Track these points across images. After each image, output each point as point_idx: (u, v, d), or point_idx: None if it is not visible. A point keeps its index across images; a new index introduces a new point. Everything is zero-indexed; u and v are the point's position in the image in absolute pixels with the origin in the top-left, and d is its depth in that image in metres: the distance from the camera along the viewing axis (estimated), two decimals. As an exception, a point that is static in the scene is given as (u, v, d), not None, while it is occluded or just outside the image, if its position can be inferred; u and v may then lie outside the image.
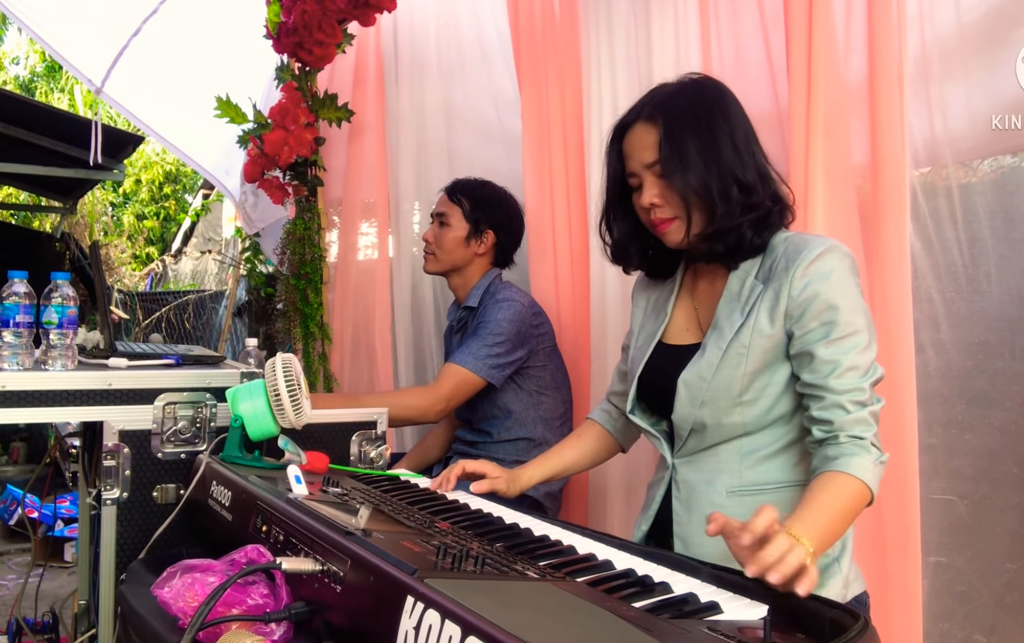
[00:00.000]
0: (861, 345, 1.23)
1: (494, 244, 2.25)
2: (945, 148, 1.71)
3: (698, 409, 1.32)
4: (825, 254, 1.25)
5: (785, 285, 1.26)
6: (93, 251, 2.75)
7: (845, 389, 1.21)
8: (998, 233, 1.68)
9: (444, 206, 2.26)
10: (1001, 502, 1.68)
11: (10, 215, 8.66)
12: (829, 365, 1.22)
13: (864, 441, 1.20)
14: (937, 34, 1.70)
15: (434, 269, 2.29)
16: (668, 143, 1.29)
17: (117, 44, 3.29)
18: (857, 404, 1.21)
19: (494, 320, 2.10)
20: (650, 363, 1.44)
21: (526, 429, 2.14)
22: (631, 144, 1.36)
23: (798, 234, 1.32)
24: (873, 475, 1.19)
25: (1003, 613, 1.68)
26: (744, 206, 1.29)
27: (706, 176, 1.28)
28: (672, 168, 1.29)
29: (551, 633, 0.74)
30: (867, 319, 1.26)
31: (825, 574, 1.27)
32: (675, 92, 1.34)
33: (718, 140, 1.29)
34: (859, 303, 1.26)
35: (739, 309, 1.31)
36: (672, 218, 1.33)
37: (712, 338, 1.33)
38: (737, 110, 1.34)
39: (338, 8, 2.54)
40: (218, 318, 7.77)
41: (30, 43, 11.49)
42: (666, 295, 1.48)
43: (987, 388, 1.70)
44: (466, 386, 2.08)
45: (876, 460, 1.20)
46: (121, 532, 1.53)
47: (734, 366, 1.29)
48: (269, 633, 0.97)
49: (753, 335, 1.28)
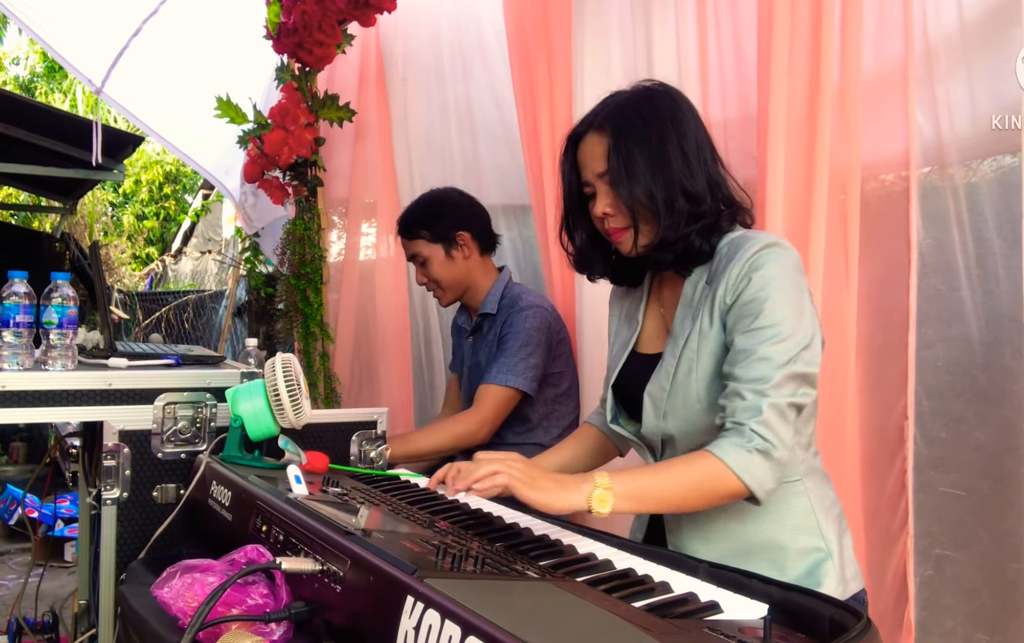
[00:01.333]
0: (779, 336, 1.19)
1: (472, 239, 2.21)
2: (945, 148, 1.72)
3: (662, 421, 1.32)
4: (764, 249, 1.23)
5: (723, 282, 1.25)
6: (93, 251, 2.76)
7: (749, 378, 1.19)
8: (998, 233, 1.68)
9: (409, 248, 2.23)
10: (1002, 500, 1.68)
11: (10, 215, 8.67)
12: (741, 353, 1.21)
13: (743, 428, 1.17)
14: (937, 34, 1.70)
15: (448, 300, 2.26)
16: (616, 154, 1.29)
17: (117, 44, 3.29)
18: (756, 393, 1.17)
19: (523, 330, 2.09)
20: (623, 372, 1.44)
21: (538, 437, 2.14)
22: (583, 154, 1.36)
23: (744, 233, 1.31)
24: (740, 460, 1.16)
25: (1004, 614, 1.68)
26: (691, 215, 1.28)
27: (652, 187, 1.27)
28: (619, 179, 1.29)
29: (551, 633, 0.74)
30: (797, 313, 1.22)
31: (819, 570, 1.26)
32: (626, 101, 1.33)
33: (666, 150, 1.28)
34: (791, 298, 1.22)
35: (691, 315, 1.31)
36: (624, 228, 1.33)
37: (669, 347, 1.33)
38: (689, 118, 1.32)
39: (338, 8, 2.54)
40: (218, 318, 7.77)
41: (30, 43, 11.50)
42: (636, 303, 1.47)
43: (989, 387, 1.70)
44: (508, 402, 2.08)
45: (749, 446, 1.16)
46: (121, 532, 1.53)
47: (687, 373, 1.28)
48: (269, 633, 0.97)
49: (700, 339, 1.28)
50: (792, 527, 1.28)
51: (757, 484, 1.17)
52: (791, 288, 1.23)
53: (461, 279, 2.22)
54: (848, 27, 1.71)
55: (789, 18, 1.74)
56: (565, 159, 1.41)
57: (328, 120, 2.71)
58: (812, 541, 1.28)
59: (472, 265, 2.22)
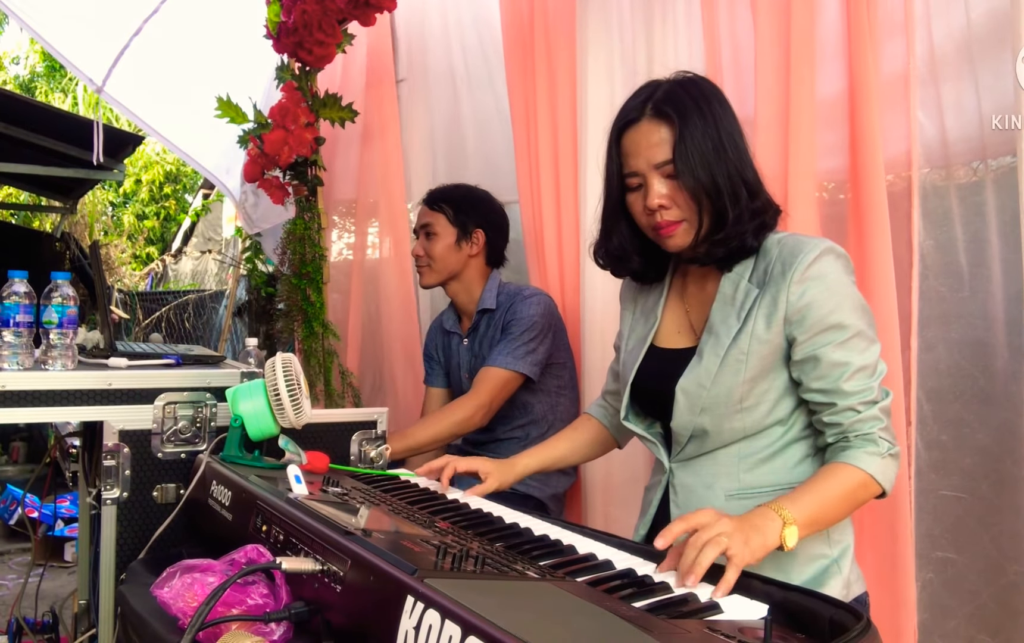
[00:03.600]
0: (865, 345, 1.23)
1: (485, 243, 2.23)
2: (945, 149, 1.71)
3: (698, 416, 1.30)
4: (821, 257, 1.23)
5: (783, 291, 1.24)
6: (93, 251, 2.76)
7: (855, 391, 1.21)
8: (999, 233, 1.68)
9: (427, 217, 2.23)
10: (1003, 503, 1.68)
11: (10, 215, 8.67)
12: (839, 369, 1.22)
13: (871, 435, 1.21)
14: (937, 35, 1.70)
15: (431, 281, 2.25)
16: (683, 141, 1.24)
17: (118, 44, 3.29)
18: (867, 403, 1.22)
19: (526, 316, 2.09)
20: (643, 367, 1.41)
21: (539, 429, 2.13)
22: (635, 142, 1.28)
23: (792, 236, 1.30)
24: (879, 466, 1.20)
25: (1005, 615, 1.68)
26: (751, 210, 1.26)
27: (718, 177, 1.24)
28: (685, 168, 1.24)
29: (551, 633, 0.74)
30: (867, 317, 1.25)
31: (825, 575, 1.27)
32: (678, 88, 1.29)
33: (724, 139, 1.26)
34: (858, 302, 1.25)
35: (735, 314, 1.28)
36: (680, 221, 1.27)
37: (708, 343, 1.30)
38: (731, 109, 1.31)
39: (338, 8, 2.54)
40: (218, 318, 7.77)
41: (30, 43, 11.50)
42: (655, 299, 1.45)
43: (989, 389, 1.70)
44: (507, 386, 2.07)
45: (883, 452, 1.21)
46: (121, 532, 1.53)
47: (733, 373, 1.27)
48: (269, 633, 0.97)
49: (752, 341, 1.26)
50: None
51: (891, 485, 1.23)
52: (854, 291, 1.26)
53: (455, 271, 2.22)
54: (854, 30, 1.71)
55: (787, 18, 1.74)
56: (612, 148, 1.33)
57: (330, 120, 2.71)
58: (819, 548, 1.28)
59: (472, 264, 2.23)
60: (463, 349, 2.29)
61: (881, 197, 1.66)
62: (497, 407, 2.09)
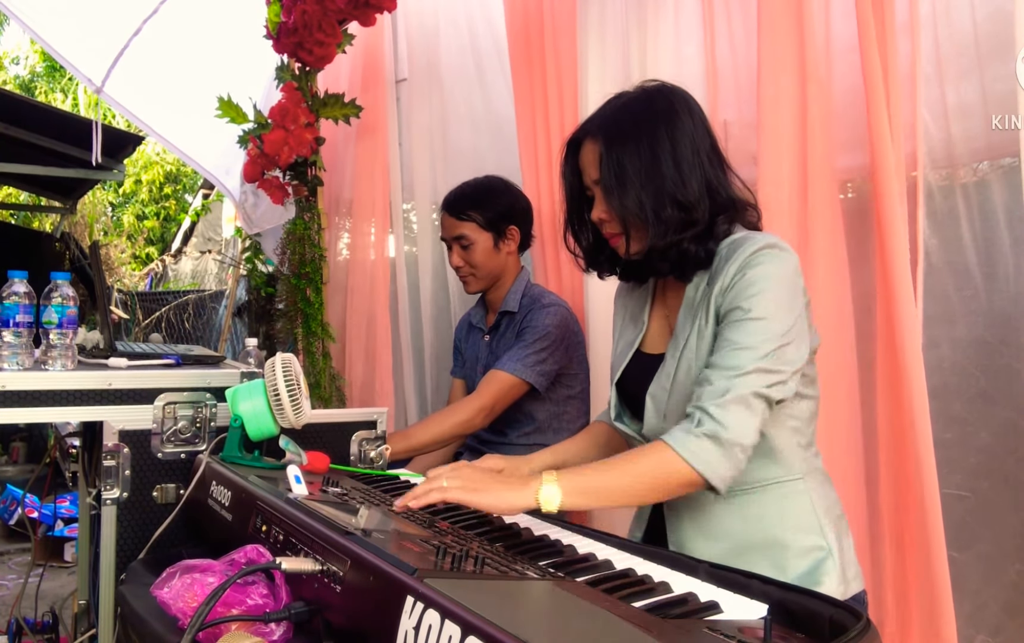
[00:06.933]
0: (761, 330, 1.18)
1: (519, 234, 2.21)
2: (945, 149, 1.71)
3: (664, 421, 1.31)
4: (760, 251, 1.22)
5: (719, 281, 1.25)
6: (93, 251, 2.75)
7: (722, 365, 1.18)
8: (1005, 232, 1.68)
9: (456, 228, 2.18)
10: (1005, 502, 1.68)
11: (10, 215, 8.67)
12: (722, 343, 1.21)
13: (703, 409, 1.16)
14: (938, 35, 1.70)
15: (478, 288, 2.23)
16: (607, 163, 1.29)
17: (117, 44, 3.28)
18: (725, 379, 1.17)
19: (541, 325, 2.08)
20: (627, 372, 1.44)
21: (545, 437, 2.12)
22: (582, 160, 1.36)
23: (744, 234, 1.30)
24: (688, 445, 1.15)
25: (1006, 615, 1.68)
26: (682, 223, 1.27)
27: (641, 196, 1.27)
28: (609, 188, 1.29)
29: (551, 633, 0.74)
30: (785, 311, 1.21)
31: (819, 569, 1.26)
32: (622, 107, 1.33)
33: (658, 159, 1.27)
34: (781, 295, 1.21)
35: (691, 316, 1.30)
36: (619, 233, 1.33)
37: (670, 348, 1.33)
38: (686, 121, 1.30)
39: (338, 8, 2.54)
40: (218, 318, 7.77)
41: (30, 43, 11.49)
42: (642, 303, 1.47)
43: (989, 387, 1.69)
44: (511, 391, 2.06)
45: (696, 430, 1.15)
46: (121, 532, 1.52)
47: (687, 374, 1.28)
48: (269, 633, 0.97)
49: (698, 339, 1.27)
50: (793, 526, 1.28)
51: (710, 471, 1.15)
52: (784, 288, 1.22)
53: (498, 271, 2.21)
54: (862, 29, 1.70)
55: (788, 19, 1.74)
56: (566, 163, 1.41)
57: (333, 119, 2.71)
58: (813, 540, 1.27)
59: (511, 260, 2.22)
60: (483, 344, 2.29)
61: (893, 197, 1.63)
62: (499, 411, 2.08)
